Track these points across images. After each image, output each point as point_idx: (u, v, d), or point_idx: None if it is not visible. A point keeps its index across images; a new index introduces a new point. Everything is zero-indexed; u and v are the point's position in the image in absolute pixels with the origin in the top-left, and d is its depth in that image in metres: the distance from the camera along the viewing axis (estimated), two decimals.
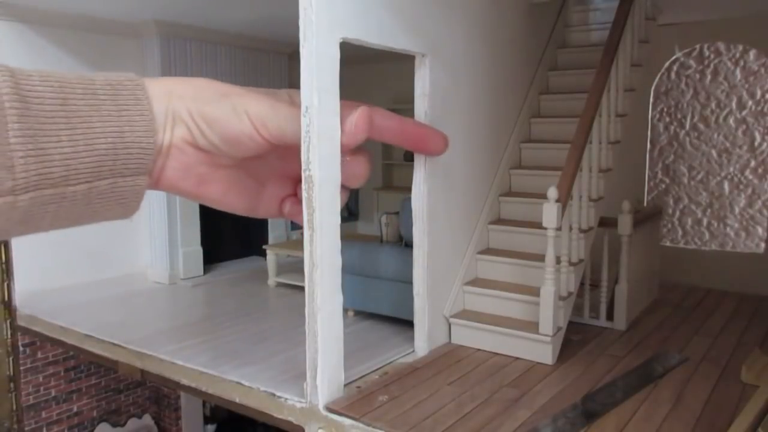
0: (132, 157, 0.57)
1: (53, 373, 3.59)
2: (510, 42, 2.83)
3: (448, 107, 2.31)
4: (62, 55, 3.72)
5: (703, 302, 3.05)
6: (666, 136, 3.63)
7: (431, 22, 2.17)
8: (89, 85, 0.54)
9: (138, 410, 4.15)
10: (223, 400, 2.14)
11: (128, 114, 0.56)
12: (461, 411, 1.82)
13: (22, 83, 0.50)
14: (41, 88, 0.51)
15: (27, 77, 0.50)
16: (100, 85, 0.55)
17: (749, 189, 3.42)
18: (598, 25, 3.35)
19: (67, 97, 0.52)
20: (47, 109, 0.50)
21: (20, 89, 0.49)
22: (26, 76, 0.50)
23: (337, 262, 1.80)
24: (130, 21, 3.91)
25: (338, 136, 1.82)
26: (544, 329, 2.19)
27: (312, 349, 1.79)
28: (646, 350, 2.35)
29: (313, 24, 1.65)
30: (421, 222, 2.20)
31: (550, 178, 2.53)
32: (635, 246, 2.67)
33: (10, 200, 0.48)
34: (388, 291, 2.67)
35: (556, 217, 2.13)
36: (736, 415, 1.74)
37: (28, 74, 0.51)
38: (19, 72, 0.51)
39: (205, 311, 3.24)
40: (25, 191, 0.49)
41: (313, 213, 1.70)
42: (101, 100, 0.55)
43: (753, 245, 3.42)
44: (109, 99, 0.55)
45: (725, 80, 3.44)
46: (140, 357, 2.46)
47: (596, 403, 1.87)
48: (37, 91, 0.50)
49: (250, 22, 4.00)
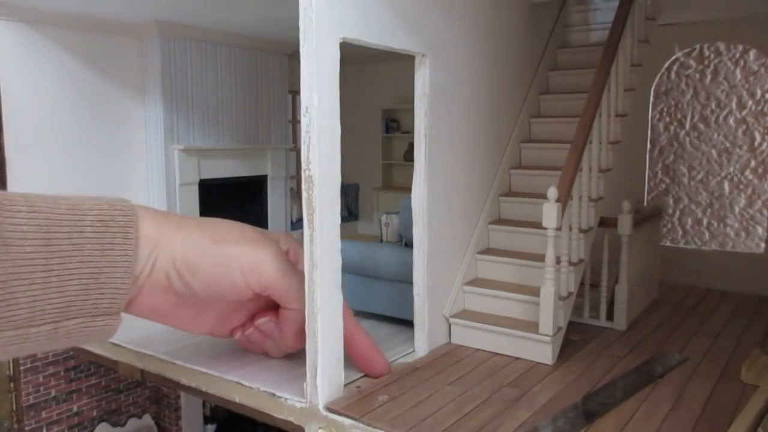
0: (104, 298, 0.54)
1: (53, 373, 3.59)
2: (510, 42, 2.83)
3: (448, 107, 2.31)
4: (62, 55, 3.72)
5: (703, 302, 3.05)
6: (666, 136, 3.63)
7: (431, 22, 2.17)
8: (78, 222, 0.51)
9: (138, 410, 4.15)
10: (223, 400, 2.14)
11: (111, 254, 0.53)
12: (461, 411, 1.82)
13: (7, 222, 0.47)
14: (27, 227, 0.48)
15: (14, 213, 0.47)
16: (90, 221, 0.52)
17: (749, 189, 3.42)
18: (598, 25, 3.35)
19: (51, 237, 0.49)
20: (27, 251, 0.48)
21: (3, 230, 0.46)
22: (13, 212, 0.47)
23: (337, 262, 1.79)
24: (130, 21, 3.91)
25: (338, 135, 1.83)
26: (544, 329, 2.19)
27: (312, 349, 1.79)
28: (646, 350, 2.35)
29: (313, 24, 1.65)
30: (421, 222, 2.20)
31: (550, 178, 2.53)
32: (635, 246, 2.67)
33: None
34: (388, 291, 2.67)
35: (556, 217, 2.13)
36: (736, 415, 1.74)
37: (16, 208, 0.47)
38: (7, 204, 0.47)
39: None
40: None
41: (313, 213, 1.69)
42: (87, 238, 0.52)
43: (753, 245, 3.42)
44: (96, 237, 0.52)
45: (725, 80, 3.44)
46: (140, 357, 2.46)
47: (596, 403, 1.87)
48: (20, 230, 0.47)
49: (250, 22, 4.00)
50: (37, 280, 0.48)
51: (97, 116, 4.03)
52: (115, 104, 4.11)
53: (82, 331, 0.53)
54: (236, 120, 4.71)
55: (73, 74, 3.83)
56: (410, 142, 5.88)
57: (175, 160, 4.32)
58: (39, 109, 3.73)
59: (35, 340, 0.50)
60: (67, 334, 0.52)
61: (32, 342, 0.50)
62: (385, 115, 6.46)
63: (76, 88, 3.87)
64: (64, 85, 3.80)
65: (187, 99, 4.30)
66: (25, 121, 3.69)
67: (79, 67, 3.84)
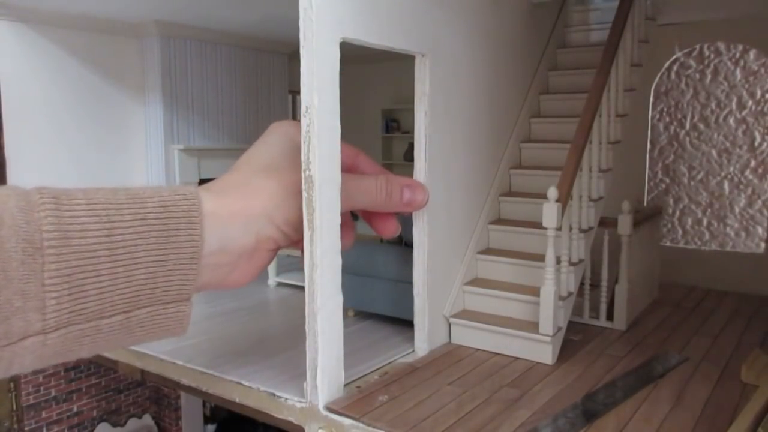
0: (173, 285, 0.53)
1: (53, 373, 3.59)
2: (510, 42, 2.83)
3: (448, 107, 2.31)
4: (63, 55, 3.72)
5: (703, 302, 3.05)
6: (666, 136, 3.63)
7: (431, 22, 2.17)
8: (139, 209, 0.51)
9: (138, 410, 4.15)
10: (223, 400, 2.14)
11: (177, 240, 0.52)
12: (461, 411, 1.82)
13: (66, 215, 0.47)
14: (86, 219, 0.48)
15: (72, 206, 0.47)
16: (151, 207, 0.52)
17: (749, 189, 3.42)
18: (598, 25, 3.35)
19: (113, 228, 0.49)
20: (90, 243, 0.47)
21: (63, 223, 0.46)
22: (71, 206, 0.47)
23: (337, 262, 1.80)
24: (131, 21, 3.91)
25: (338, 135, 1.83)
26: (544, 329, 2.19)
27: (312, 349, 1.79)
28: (646, 350, 2.35)
29: (313, 24, 1.65)
30: (421, 222, 2.20)
31: (550, 178, 2.53)
32: (635, 246, 2.67)
33: (40, 339, 0.46)
34: (388, 291, 2.67)
35: (556, 217, 2.13)
36: (736, 415, 1.74)
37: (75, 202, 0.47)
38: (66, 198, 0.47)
39: (205, 311, 3.23)
40: (55, 329, 0.47)
41: (313, 213, 1.69)
42: (150, 225, 0.51)
43: (753, 245, 3.42)
44: (160, 224, 0.51)
45: (725, 80, 3.44)
46: (140, 357, 2.46)
47: (596, 403, 1.87)
48: (80, 223, 0.47)
49: (250, 22, 4.00)
50: (103, 271, 0.49)
51: (97, 116, 4.03)
52: (115, 104, 4.11)
53: (155, 320, 0.54)
54: (236, 120, 4.71)
55: (73, 74, 3.83)
56: (410, 142, 5.89)
57: (175, 160, 4.32)
58: (39, 109, 3.74)
59: (108, 332, 0.51)
60: (140, 323, 0.53)
61: (105, 334, 0.51)
62: (385, 115, 6.46)
63: (76, 88, 3.87)
64: (64, 85, 3.80)
65: (187, 99, 4.30)
66: (25, 121, 3.69)
67: (79, 67, 3.84)
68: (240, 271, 0.62)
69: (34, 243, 0.45)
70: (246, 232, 0.60)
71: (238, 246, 0.60)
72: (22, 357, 0.46)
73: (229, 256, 0.60)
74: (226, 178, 0.64)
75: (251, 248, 0.61)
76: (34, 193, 0.47)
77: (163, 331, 0.56)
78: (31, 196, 0.47)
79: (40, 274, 0.45)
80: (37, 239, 0.45)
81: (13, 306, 0.44)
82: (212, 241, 0.57)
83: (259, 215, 0.61)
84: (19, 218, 0.45)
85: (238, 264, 0.62)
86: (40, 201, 0.47)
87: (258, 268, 0.64)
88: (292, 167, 0.67)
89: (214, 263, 0.58)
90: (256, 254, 0.62)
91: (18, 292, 0.44)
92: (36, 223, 0.46)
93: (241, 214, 0.60)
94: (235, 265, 0.61)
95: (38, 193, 0.47)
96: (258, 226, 0.61)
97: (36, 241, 0.45)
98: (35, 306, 0.45)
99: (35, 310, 0.45)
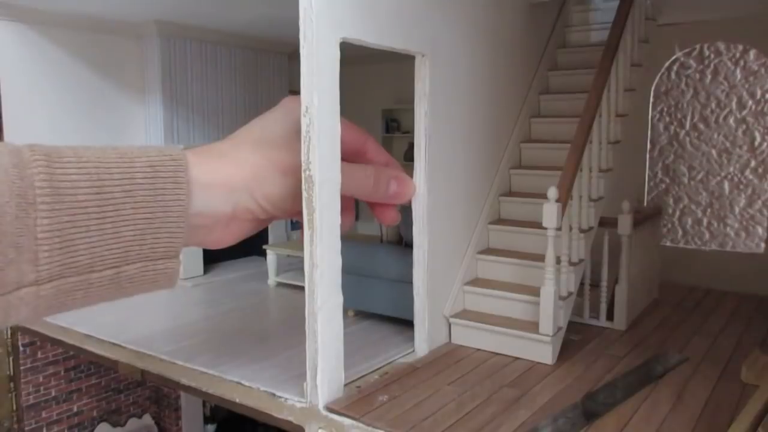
0: (160, 242, 0.56)
1: (53, 373, 3.59)
2: (510, 42, 2.83)
3: (448, 107, 2.31)
4: (62, 55, 3.72)
5: (703, 302, 3.05)
6: (666, 136, 3.63)
7: (431, 22, 2.17)
8: (128, 169, 0.53)
9: (138, 410, 4.15)
10: (223, 400, 2.14)
11: (164, 199, 0.55)
12: (461, 411, 1.82)
13: (58, 172, 0.49)
14: (77, 176, 0.50)
15: (63, 164, 0.49)
16: (139, 167, 0.54)
17: (749, 189, 3.42)
18: (598, 25, 3.35)
19: (103, 185, 0.51)
20: (80, 199, 0.49)
21: (54, 180, 0.48)
22: (62, 163, 0.49)
23: (337, 262, 1.80)
24: (131, 21, 3.91)
25: (338, 135, 1.83)
26: (544, 329, 2.19)
27: (312, 349, 1.79)
28: (646, 350, 2.35)
29: (313, 24, 1.65)
30: (421, 222, 2.20)
31: (550, 178, 2.53)
32: (635, 246, 2.67)
33: (34, 290, 0.48)
34: (388, 291, 2.67)
35: (556, 217, 2.13)
36: (736, 415, 1.74)
37: (65, 159, 0.49)
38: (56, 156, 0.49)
39: (205, 311, 3.23)
40: (48, 281, 0.49)
41: (313, 213, 1.70)
42: (138, 184, 0.53)
43: (753, 245, 3.42)
44: (147, 182, 0.54)
45: (725, 80, 3.44)
46: (140, 357, 2.46)
47: (596, 403, 1.87)
48: (71, 180, 0.49)
49: (250, 22, 4.00)
50: (93, 227, 0.51)
51: (97, 116, 4.03)
52: (115, 104, 4.11)
53: (144, 275, 0.56)
54: (236, 120, 4.71)
55: (73, 74, 3.83)
56: (410, 142, 5.88)
57: None
58: (39, 109, 3.73)
59: (99, 286, 0.53)
60: (129, 278, 0.55)
61: (96, 288, 0.53)
62: (385, 115, 6.45)
63: (76, 88, 3.87)
64: (64, 85, 3.80)
65: (187, 99, 4.30)
66: (25, 121, 3.69)
67: (79, 67, 3.84)
68: (217, 235, 0.65)
69: (27, 198, 0.47)
70: (224, 201, 0.62)
71: (216, 212, 0.62)
72: (18, 307, 0.48)
73: (206, 219, 0.62)
74: (216, 145, 0.66)
75: (228, 217, 0.63)
76: (25, 150, 0.49)
77: (152, 285, 0.58)
78: (23, 153, 0.48)
79: (33, 228, 0.47)
80: (30, 195, 0.47)
81: (7, 258, 0.46)
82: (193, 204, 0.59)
83: (239, 187, 0.63)
84: (13, 174, 0.46)
85: (215, 228, 0.64)
86: (32, 158, 0.48)
87: (234, 235, 0.66)
88: (287, 146, 0.68)
89: (193, 224, 0.60)
90: (232, 223, 0.64)
91: (12, 245, 0.46)
92: (29, 179, 0.47)
93: (222, 184, 0.62)
94: (211, 228, 0.63)
95: (30, 150, 0.49)
96: (237, 198, 0.63)
97: (29, 196, 0.47)
98: (29, 258, 0.47)
99: (29, 262, 0.47)
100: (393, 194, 0.76)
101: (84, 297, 0.52)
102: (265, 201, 0.64)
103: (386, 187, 0.75)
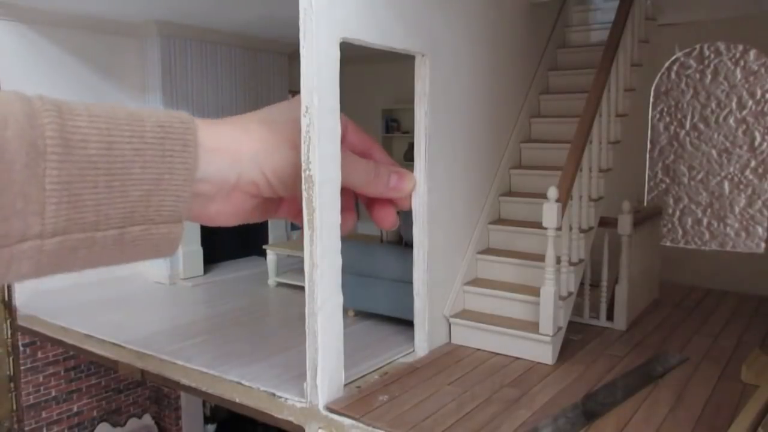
0: (165, 205, 0.55)
1: (53, 373, 3.59)
2: (510, 42, 2.83)
3: (448, 107, 2.31)
4: (62, 55, 3.72)
5: (703, 302, 3.05)
6: (666, 136, 3.63)
7: (431, 22, 2.17)
8: (138, 127, 0.53)
9: (138, 410, 4.15)
10: (223, 400, 2.14)
11: (171, 161, 0.55)
12: (461, 411, 1.82)
13: (69, 125, 0.48)
14: (87, 130, 0.49)
15: (74, 117, 0.49)
16: (149, 126, 0.54)
17: (749, 189, 3.42)
18: (598, 25, 3.35)
19: (113, 141, 0.51)
20: (90, 154, 0.49)
21: (65, 132, 0.48)
22: (74, 116, 0.49)
23: (337, 262, 1.80)
24: (131, 21, 3.91)
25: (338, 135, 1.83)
26: (544, 329, 2.19)
27: (312, 349, 1.79)
28: (646, 350, 2.35)
29: (313, 24, 1.65)
30: (421, 222, 2.20)
31: (550, 178, 2.53)
32: (635, 246, 2.67)
33: (38, 244, 0.47)
34: (388, 291, 2.67)
35: (556, 217, 2.13)
36: (736, 414, 1.74)
37: (76, 113, 0.49)
38: (67, 110, 0.49)
39: (205, 311, 3.23)
40: (52, 235, 0.48)
41: (313, 213, 1.70)
42: (148, 144, 0.53)
43: (753, 245, 3.42)
44: (156, 143, 0.54)
45: (725, 80, 3.44)
46: (140, 357, 2.46)
47: (596, 403, 1.87)
48: (82, 133, 0.49)
49: (250, 22, 4.00)
50: (101, 183, 0.50)
51: None
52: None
53: (147, 239, 0.55)
54: None
55: (73, 74, 3.83)
56: (410, 142, 5.88)
57: None
58: None
59: (102, 245, 0.52)
60: (132, 240, 0.54)
61: (100, 248, 0.52)
62: (385, 115, 6.46)
63: (76, 88, 3.87)
64: (64, 85, 3.80)
65: (187, 99, 4.30)
66: None
67: (79, 67, 3.84)
68: (217, 206, 0.64)
69: (37, 148, 0.46)
70: (229, 168, 0.62)
71: (220, 179, 0.62)
72: (20, 261, 0.47)
73: (209, 186, 0.61)
74: (224, 119, 0.66)
75: (230, 185, 0.63)
76: (36, 99, 0.48)
77: (154, 250, 0.58)
78: (34, 102, 0.48)
79: (42, 179, 0.46)
80: (41, 145, 0.46)
81: (14, 207, 0.45)
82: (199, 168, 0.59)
83: (247, 157, 0.63)
84: (23, 122, 0.46)
85: (216, 198, 0.63)
86: (43, 108, 0.48)
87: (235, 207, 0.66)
88: (293, 125, 0.68)
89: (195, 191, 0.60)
90: (233, 194, 0.64)
91: (20, 194, 0.45)
92: (39, 128, 0.47)
93: (230, 151, 0.62)
94: (212, 197, 0.63)
95: (40, 100, 0.48)
96: (243, 167, 0.63)
97: (39, 146, 0.46)
98: (35, 209, 0.46)
99: (35, 214, 0.47)
100: (393, 186, 0.76)
101: (86, 257, 0.52)
102: (272, 175, 0.63)
103: (387, 178, 0.75)
